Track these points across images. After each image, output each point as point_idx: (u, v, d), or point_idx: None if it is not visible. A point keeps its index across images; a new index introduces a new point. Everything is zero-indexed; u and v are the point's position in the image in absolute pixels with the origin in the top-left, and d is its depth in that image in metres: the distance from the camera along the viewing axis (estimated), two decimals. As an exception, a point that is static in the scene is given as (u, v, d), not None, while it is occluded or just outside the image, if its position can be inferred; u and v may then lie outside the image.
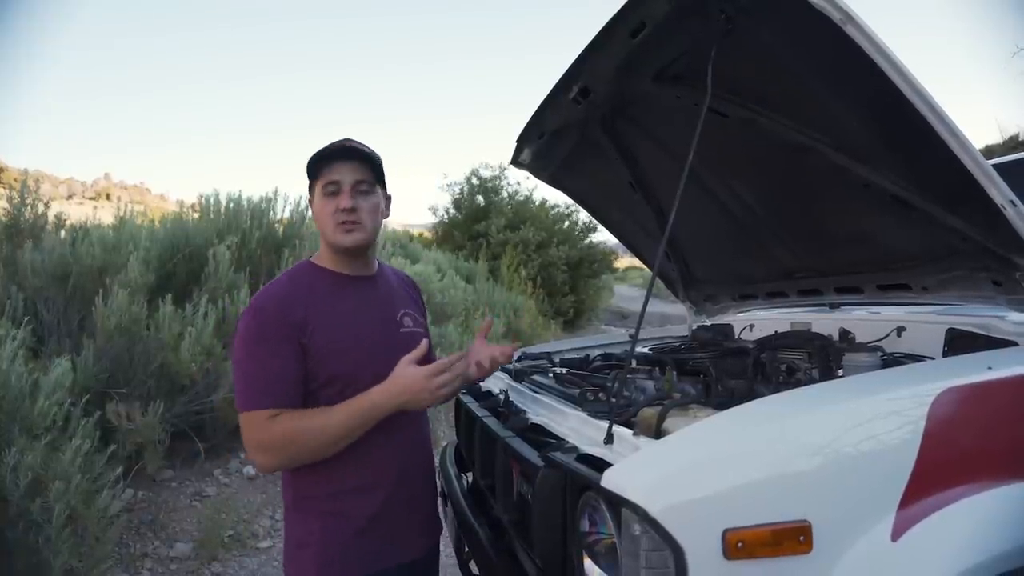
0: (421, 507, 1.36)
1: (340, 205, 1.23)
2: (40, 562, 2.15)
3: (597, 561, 0.99)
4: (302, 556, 1.24)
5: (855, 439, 0.93)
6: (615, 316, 13.22)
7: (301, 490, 1.25)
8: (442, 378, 1.19)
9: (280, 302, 1.21)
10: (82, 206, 12.95)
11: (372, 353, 1.24)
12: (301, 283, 1.26)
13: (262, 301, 1.22)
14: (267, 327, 1.18)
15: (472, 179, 11.03)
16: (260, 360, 1.17)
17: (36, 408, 2.31)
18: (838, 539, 0.87)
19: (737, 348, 1.87)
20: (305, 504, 1.25)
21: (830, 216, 1.71)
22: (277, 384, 1.17)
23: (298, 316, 1.19)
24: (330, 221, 1.25)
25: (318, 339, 1.20)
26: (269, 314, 1.20)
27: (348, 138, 1.29)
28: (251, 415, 1.16)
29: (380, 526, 1.25)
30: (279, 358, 1.17)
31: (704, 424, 0.99)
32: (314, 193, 1.28)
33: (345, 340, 1.23)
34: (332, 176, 1.24)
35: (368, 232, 1.27)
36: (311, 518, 1.24)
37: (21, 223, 3.44)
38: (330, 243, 1.27)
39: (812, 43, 1.20)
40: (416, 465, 1.36)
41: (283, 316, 1.19)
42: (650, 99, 1.68)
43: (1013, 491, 0.94)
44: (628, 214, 2.32)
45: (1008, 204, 1.11)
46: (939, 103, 1.07)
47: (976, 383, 1.02)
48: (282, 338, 1.18)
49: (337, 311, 1.25)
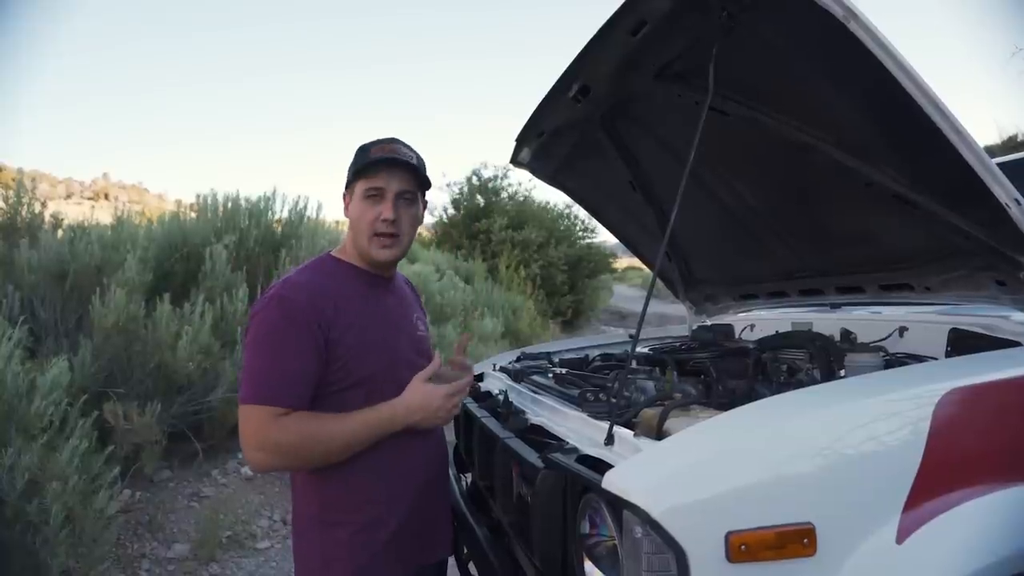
0: (443, 512, 1.38)
1: (382, 215, 1.19)
2: (37, 563, 2.14)
3: (598, 563, 0.98)
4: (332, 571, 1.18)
5: (858, 441, 0.92)
6: (614, 316, 13.21)
7: (332, 502, 1.19)
8: (457, 398, 1.21)
9: (310, 295, 1.15)
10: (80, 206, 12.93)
11: (396, 358, 1.22)
12: (331, 278, 1.21)
13: (287, 291, 1.15)
14: (293, 319, 1.12)
15: (472, 179, 11.03)
16: (279, 353, 1.11)
17: (33, 408, 2.29)
18: (842, 542, 0.86)
19: (738, 348, 1.85)
20: (335, 516, 1.19)
21: (832, 215, 1.70)
22: (294, 382, 1.11)
23: (328, 312, 1.13)
24: (367, 229, 1.21)
25: (348, 339, 1.15)
26: (297, 305, 1.13)
27: (396, 139, 1.24)
28: (258, 410, 1.09)
29: (407, 533, 1.23)
30: (301, 354, 1.11)
31: (706, 425, 0.98)
32: (353, 191, 1.23)
33: (374, 342, 1.19)
34: (377, 182, 1.20)
35: (404, 247, 1.25)
36: (340, 530, 1.18)
37: (18, 222, 3.42)
38: (363, 253, 1.24)
39: (815, 40, 1.19)
40: (438, 469, 1.36)
41: (311, 310, 1.13)
42: (651, 98, 1.67)
43: (1020, 493, 0.93)
44: (628, 214, 2.31)
45: (1012, 202, 1.10)
46: (942, 100, 1.06)
47: (981, 384, 1.01)
48: (307, 333, 1.11)
49: (367, 311, 1.21)
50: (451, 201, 11.15)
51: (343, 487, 1.18)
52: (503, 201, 10.71)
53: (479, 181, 10.96)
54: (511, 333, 7.18)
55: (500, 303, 7.39)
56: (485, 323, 6.27)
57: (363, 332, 1.17)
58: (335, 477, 1.17)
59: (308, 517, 1.22)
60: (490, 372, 2.08)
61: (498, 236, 9.86)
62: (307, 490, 1.22)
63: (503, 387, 1.80)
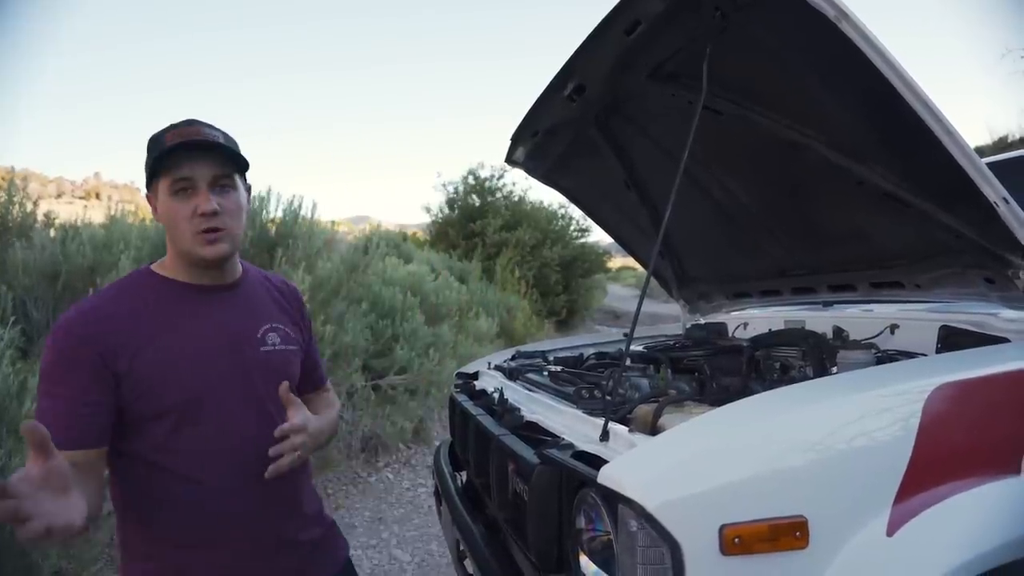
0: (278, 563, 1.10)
1: (200, 208, 1.01)
2: (29, 564, 2.13)
3: (593, 558, 0.99)
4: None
5: (850, 435, 0.93)
6: (608, 316, 13.24)
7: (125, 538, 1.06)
8: None
9: (86, 323, 0.99)
10: (72, 205, 12.84)
11: (217, 379, 1.03)
12: (128, 298, 1.04)
13: (67, 321, 1.00)
14: (67, 352, 0.97)
15: (468, 178, 11.02)
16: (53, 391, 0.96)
17: (24, 409, 2.28)
18: (834, 534, 0.87)
19: (731, 346, 1.87)
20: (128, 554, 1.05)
21: (824, 214, 1.71)
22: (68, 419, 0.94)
23: (111, 341, 0.97)
24: (187, 228, 1.02)
25: (139, 365, 0.98)
26: (71, 337, 0.98)
27: (194, 120, 1.05)
28: None
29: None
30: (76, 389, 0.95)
31: (700, 420, 0.99)
32: (156, 189, 1.04)
33: (179, 365, 1.01)
34: (181, 172, 1.01)
35: (235, 239, 1.07)
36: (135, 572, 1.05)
37: (9, 222, 3.40)
38: (187, 254, 1.04)
39: (807, 40, 1.21)
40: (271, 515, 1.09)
41: (90, 340, 0.97)
42: (645, 97, 1.69)
43: (1008, 486, 0.94)
44: (622, 212, 2.32)
45: (1001, 201, 1.12)
46: (933, 100, 1.07)
47: (970, 379, 1.03)
48: (84, 365, 0.96)
49: (174, 331, 1.03)
50: (446, 201, 11.15)
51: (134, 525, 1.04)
52: (498, 201, 10.71)
53: (476, 181, 10.96)
54: (506, 333, 7.19)
55: (495, 303, 7.40)
56: (480, 323, 6.27)
57: (163, 354, 1.00)
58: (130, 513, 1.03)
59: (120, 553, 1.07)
60: (485, 370, 2.09)
61: (492, 238, 9.87)
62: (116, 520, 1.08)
63: (498, 385, 1.81)
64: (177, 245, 1.05)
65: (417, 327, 4.80)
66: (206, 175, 1.02)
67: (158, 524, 1.03)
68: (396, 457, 4.24)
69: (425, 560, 2.96)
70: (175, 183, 1.02)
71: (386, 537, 3.18)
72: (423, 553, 3.02)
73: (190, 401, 1.01)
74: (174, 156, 1.00)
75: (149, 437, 1.00)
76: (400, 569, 2.87)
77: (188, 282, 1.08)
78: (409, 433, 4.34)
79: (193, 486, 1.02)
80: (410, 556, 2.99)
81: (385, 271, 5.35)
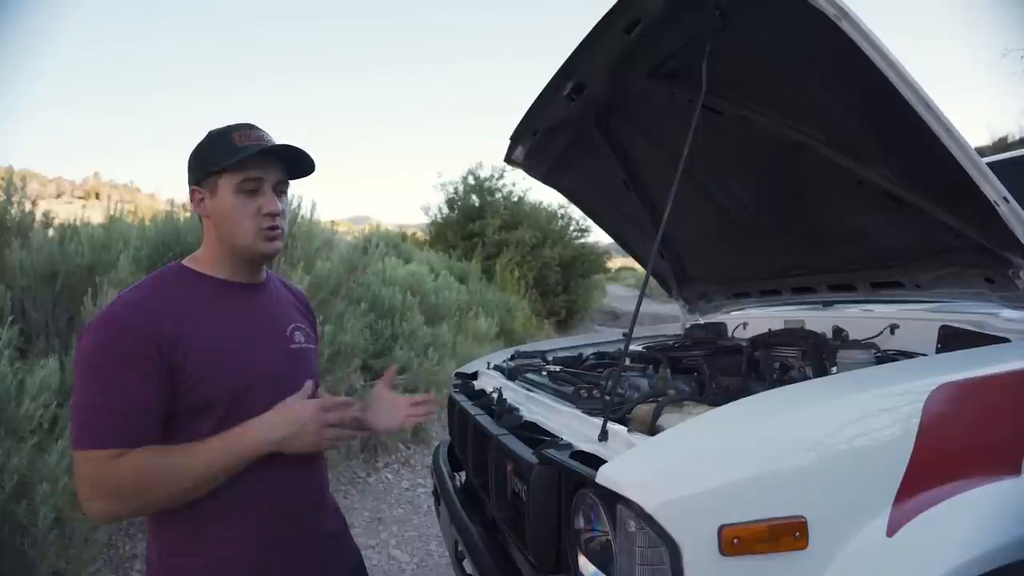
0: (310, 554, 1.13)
1: (266, 208, 1.07)
2: (27, 564, 2.12)
3: (592, 558, 0.98)
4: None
5: (850, 435, 0.93)
6: (607, 316, 13.24)
7: (165, 546, 1.05)
8: (334, 415, 1.04)
9: (142, 314, 0.99)
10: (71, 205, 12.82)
11: (258, 374, 1.06)
12: (172, 291, 1.05)
13: (114, 313, 0.99)
14: (121, 345, 0.96)
15: (468, 178, 11.01)
16: (107, 387, 0.95)
17: (22, 409, 2.28)
18: (834, 535, 0.86)
19: (731, 346, 1.87)
20: (174, 561, 1.04)
21: (824, 213, 1.71)
22: (128, 417, 0.95)
23: (167, 331, 0.98)
24: (250, 224, 1.07)
25: (193, 358, 0.99)
26: (124, 329, 0.97)
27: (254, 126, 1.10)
28: (89, 455, 0.94)
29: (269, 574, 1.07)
30: (135, 387, 0.95)
31: (699, 420, 0.99)
32: (213, 185, 1.07)
33: (226, 359, 1.03)
34: (252, 172, 1.06)
35: (284, 238, 1.14)
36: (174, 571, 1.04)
37: (7, 221, 3.39)
38: (246, 248, 1.09)
39: (807, 39, 1.20)
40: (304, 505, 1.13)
41: (145, 331, 0.97)
42: (644, 96, 1.68)
43: (1007, 486, 0.94)
44: (622, 212, 2.32)
45: (1001, 201, 1.12)
46: (933, 99, 1.07)
47: (970, 379, 1.03)
48: (140, 359, 0.95)
49: (219, 324, 1.05)
50: (446, 201, 11.14)
51: (185, 527, 1.03)
52: (498, 202, 10.71)
53: (475, 181, 10.95)
54: (505, 333, 7.19)
55: (494, 303, 7.40)
56: (479, 323, 6.27)
57: (213, 348, 1.02)
58: (176, 516, 1.01)
59: (150, 563, 1.08)
60: (484, 370, 2.09)
61: (491, 239, 9.87)
62: (150, 532, 1.08)
63: (497, 385, 1.80)
64: (233, 240, 1.09)
65: (416, 327, 4.80)
66: (272, 178, 1.09)
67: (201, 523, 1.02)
68: (395, 457, 4.24)
69: (424, 560, 2.95)
70: (245, 182, 1.06)
71: (385, 537, 3.18)
72: (422, 553, 3.02)
73: (240, 391, 1.03)
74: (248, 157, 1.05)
75: (195, 432, 1.00)
76: (399, 569, 2.87)
77: (226, 279, 1.11)
78: (408, 433, 4.34)
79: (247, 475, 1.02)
80: (409, 556, 2.99)
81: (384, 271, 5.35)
